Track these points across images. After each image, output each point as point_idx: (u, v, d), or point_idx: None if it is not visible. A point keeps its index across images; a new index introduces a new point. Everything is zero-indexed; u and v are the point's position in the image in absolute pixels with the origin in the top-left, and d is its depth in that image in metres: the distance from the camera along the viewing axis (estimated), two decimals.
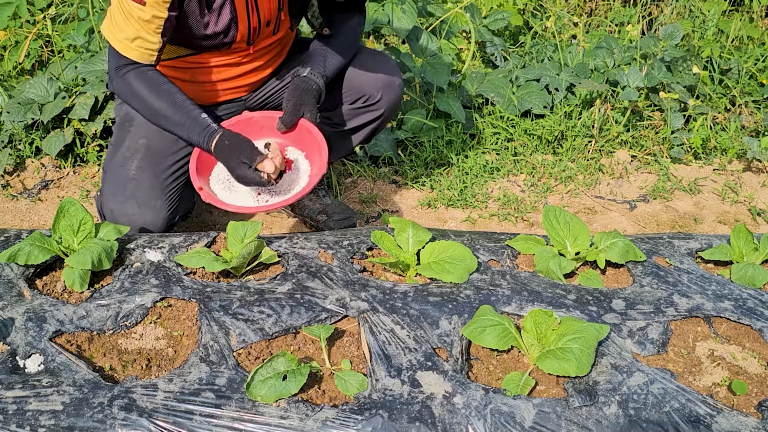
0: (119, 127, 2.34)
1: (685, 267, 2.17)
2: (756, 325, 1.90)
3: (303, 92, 2.19)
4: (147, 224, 2.23)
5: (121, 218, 2.21)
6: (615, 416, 1.57)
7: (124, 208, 2.21)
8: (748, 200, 3.03)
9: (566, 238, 2.17)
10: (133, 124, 2.30)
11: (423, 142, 3.13)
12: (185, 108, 2.10)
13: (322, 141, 2.19)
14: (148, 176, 2.23)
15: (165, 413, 1.52)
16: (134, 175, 2.23)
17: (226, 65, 2.27)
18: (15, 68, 3.25)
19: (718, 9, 4.21)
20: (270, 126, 2.27)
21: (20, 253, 1.89)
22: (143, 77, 2.09)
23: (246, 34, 2.19)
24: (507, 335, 1.73)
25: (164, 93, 2.09)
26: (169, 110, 2.09)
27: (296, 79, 2.22)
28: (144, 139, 2.26)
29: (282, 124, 2.22)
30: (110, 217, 2.25)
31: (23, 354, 1.66)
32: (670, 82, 3.39)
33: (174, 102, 2.10)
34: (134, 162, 2.24)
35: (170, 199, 2.28)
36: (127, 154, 2.25)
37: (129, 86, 2.10)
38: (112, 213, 2.23)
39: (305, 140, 2.24)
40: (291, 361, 1.61)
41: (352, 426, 1.51)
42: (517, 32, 4.12)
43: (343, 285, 1.94)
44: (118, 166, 2.25)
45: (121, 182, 2.23)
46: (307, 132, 2.23)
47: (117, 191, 2.22)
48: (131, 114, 2.30)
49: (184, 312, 1.85)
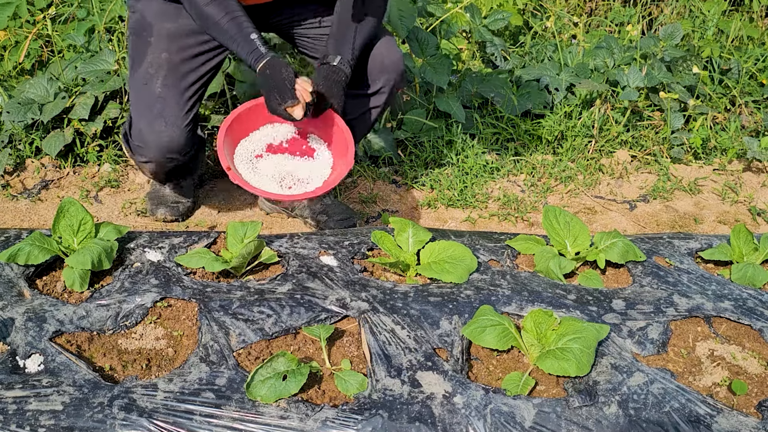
0: (136, 36, 2.31)
1: (685, 267, 2.17)
2: (756, 325, 1.90)
3: (333, 83, 2.14)
4: (173, 142, 2.24)
5: (149, 137, 2.23)
6: (615, 416, 1.57)
7: (153, 126, 2.22)
8: (748, 200, 3.03)
9: (566, 238, 2.17)
10: (152, 34, 2.27)
11: (423, 142, 3.13)
12: (239, 23, 2.06)
13: (348, 135, 2.15)
14: (173, 94, 2.23)
15: (165, 413, 1.52)
16: (160, 93, 2.23)
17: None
18: (15, 68, 3.24)
19: (718, 9, 4.20)
20: None
21: (20, 253, 1.89)
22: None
23: None
24: (507, 335, 1.73)
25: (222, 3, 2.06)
26: (224, 20, 2.05)
27: (325, 67, 2.16)
28: (165, 53, 2.23)
29: None
30: (138, 137, 2.26)
31: (23, 354, 1.65)
32: (670, 82, 3.39)
33: (228, 12, 2.05)
34: (158, 80, 2.23)
35: (194, 116, 2.29)
36: (151, 70, 2.24)
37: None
38: (141, 133, 2.24)
39: (330, 132, 2.20)
40: (291, 361, 1.61)
41: (352, 426, 1.51)
42: (517, 32, 4.12)
43: (344, 285, 1.94)
44: (142, 84, 2.24)
45: (147, 101, 2.23)
46: (333, 124, 2.18)
47: (145, 111, 2.23)
48: (147, 20, 2.27)
49: (184, 312, 1.85)
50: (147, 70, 2.24)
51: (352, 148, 2.13)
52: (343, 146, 2.15)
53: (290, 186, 2.12)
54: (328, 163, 2.19)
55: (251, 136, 2.18)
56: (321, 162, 2.20)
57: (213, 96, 3.00)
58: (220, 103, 3.09)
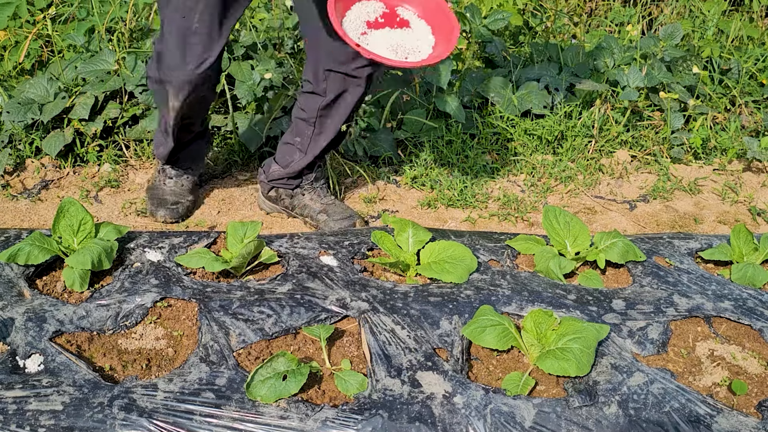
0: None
1: (685, 267, 2.17)
2: (756, 325, 1.90)
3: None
4: (197, 80, 2.22)
5: (175, 72, 2.22)
6: (615, 416, 1.57)
7: (186, 61, 2.20)
8: (748, 200, 3.03)
9: (566, 238, 2.17)
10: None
11: (423, 142, 3.13)
12: None
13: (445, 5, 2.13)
14: (207, 28, 2.19)
15: (165, 413, 1.52)
16: (196, 28, 2.19)
17: None
18: (15, 68, 3.24)
19: (718, 9, 4.20)
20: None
21: (20, 253, 1.89)
22: None
23: None
24: (507, 335, 1.73)
25: None
26: None
27: None
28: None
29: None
30: (167, 65, 2.23)
31: (23, 354, 1.65)
32: (670, 82, 3.39)
33: None
34: (196, 14, 2.19)
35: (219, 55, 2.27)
36: (187, 4, 2.19)
37: None
38: (170, 64, 2.22)
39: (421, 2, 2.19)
40: (291, 361, 1.61)
41: (352, 426, 1.51)
42: (517, 32, 4.11)
43: (344, 285, 1.94)
44: (179, 18, 2.20)
45: (183, 34, 2.20)
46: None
47: (179, 43, 2.20)
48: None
49: (184, 312, 1.85)
50: (185, 2, 2.19)
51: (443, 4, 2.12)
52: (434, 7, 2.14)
53: (405, 57, 2.11)
54: (427, 29, 2.18)
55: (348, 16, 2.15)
56: (420, 30, 2.18)
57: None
58: (220, 103, 3.10)
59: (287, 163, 2.54)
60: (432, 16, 2.19)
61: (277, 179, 2.58)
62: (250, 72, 2.97)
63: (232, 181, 2.92)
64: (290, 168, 2.53)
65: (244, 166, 3.00)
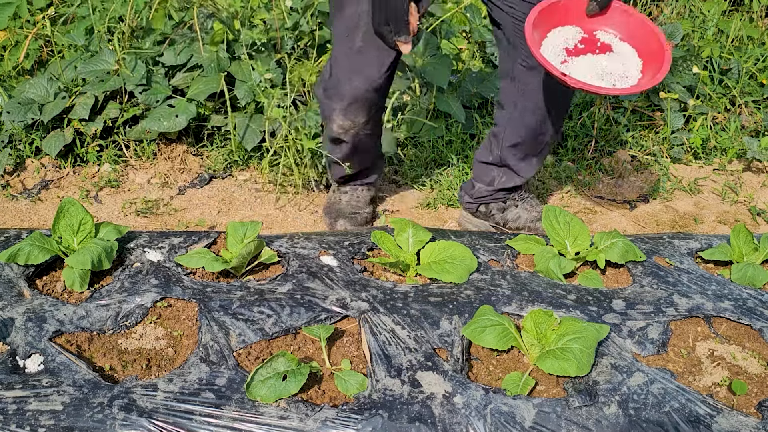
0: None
1: (685, 267, 2.17)
2: (756, 325, 1.90)
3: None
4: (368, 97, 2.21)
5: (344, 86, 2.21)
6: (615, 416, 1.57)
7: (351, 81, 2.19)
8: (748, 200, 3.03)
9: (566, 238, 2.17)
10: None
11: (423, 142, 3.13)
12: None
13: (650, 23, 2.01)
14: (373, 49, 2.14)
15: (165, 413, 1.52)
16: (360, 47, 2.16)
17: None
18: (15, 68, 3.24)
19: (718, 9, 4.20)
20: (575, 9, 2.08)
21: (20, 253, 1.89)
22: None
23: None
24: (507, 335, 1.73)
25: None
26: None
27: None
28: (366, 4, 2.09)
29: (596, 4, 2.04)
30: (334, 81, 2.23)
31: (23, 354, 1.65)
32: (670, 82, 3.39)
33: None
34: (359, 33, 2.15)
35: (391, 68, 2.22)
36: (351, 23, 2.16)
37: None
38: (339, 82, 2.22)
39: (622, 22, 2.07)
40: (291, 361, 1.61)
41: (352, 426, 1.51)
42: None
43: (344, 285, 1.94)
44: (343, 36, 2.19)
45: (347, 53, 2.19)
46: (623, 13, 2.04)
47: (345, 62, 2.20)
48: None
49: (184, 312, 1.85)
50: (348, 23, 2.17)
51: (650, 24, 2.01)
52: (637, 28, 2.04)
53: (613, 83, 2.01)
54: (632, 52, 2.08)
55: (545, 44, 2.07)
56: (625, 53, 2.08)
57: (213, 96, 3.00)
58: (220, 103, 3.10)
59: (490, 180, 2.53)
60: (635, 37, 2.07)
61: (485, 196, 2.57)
62: (251, 72, 2.97)
63: (232, 181, 2.92)
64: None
65: (244, 166, 3.00)
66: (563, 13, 2.08)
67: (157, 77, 3.01)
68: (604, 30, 2.10)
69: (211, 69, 2.97)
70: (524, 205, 2.57)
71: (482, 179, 2.54)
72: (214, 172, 2.95)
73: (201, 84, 2.93)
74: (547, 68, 1.93)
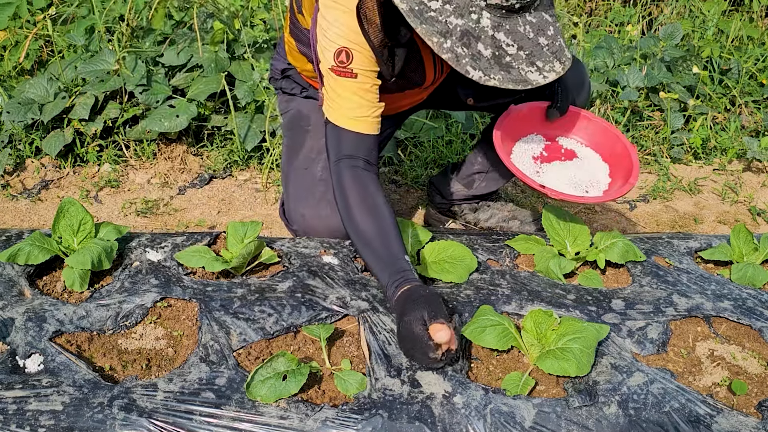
0: (293, 126, 2.25)
1: (684, 267, 2.17)
2: (756, 325, 1.90)
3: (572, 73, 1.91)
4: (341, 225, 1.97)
5: (314, 221, 2.14)
6: (615, 416, 1.57)
7: (318, 210, 2.14)
8: (748, 200, 3.03)
9: (566, 238, 2.17)
10: (310, 123, 2.22)
11: (423, 142, 3.13)
12: (389, 241, 1.81)
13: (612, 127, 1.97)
14: None
15: (165, 413, 1.52)
16: (321, 176, 2.14)
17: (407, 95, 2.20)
18: (15, 68, 3.25)
19: (718, 9, 4.20)
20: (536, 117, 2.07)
21: (20, 253, 1.89)
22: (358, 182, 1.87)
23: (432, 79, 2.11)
24: (507, 335, 1.73)
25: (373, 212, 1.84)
26: (372, 233, 1.82)
27: None
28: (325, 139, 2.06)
29: (556, 111, 2.00)
30: (301, 222, 2.16)
31: (23, 354, 1.66)
32: (670, 82, 3.39)
33: (380, 228, 1.82)
34: (320, 163, 2.16)
35: None
36: (311, 155, 2.16)
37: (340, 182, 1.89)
38: (304, 218, 2.15)
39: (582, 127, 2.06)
40: (291, 360, 1.61)
41: (352, 426, 1.51)
42: None
43: (344, 284, 1.94)
44: (302, 168, 2.17)
45: (309, 185, 2.15)
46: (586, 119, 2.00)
47: (307, 195, 2.15)
48: (304, 113, 2.22)
49: (184, 312, 1.85)
50: (307, 155, 2.18)
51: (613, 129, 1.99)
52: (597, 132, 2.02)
53: (585, 190, 2.04)
54: (596, 156, 2.09)
55: (515, 153, 2.11)
56: (590, 159, 2.09)
57: (213, 96, 3.00)
58: (220, 103, 3.10)
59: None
60: (598, 142, 2.07)
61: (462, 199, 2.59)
62: (251, 72, 2.97)
63: (232, 181, 2.93)
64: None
65: (244, 166, 3.00)
66: (525, 121, 2.12)
67: (158, 77, 3.01)
68: (566, 137, 2.13)
69: (211, 69, 2.97)
70: (496, 205, 2.59)
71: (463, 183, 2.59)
72: (214, 172, 2.96)
73: (201, 84, 2.93)
74: (524, 180, 1.94)
